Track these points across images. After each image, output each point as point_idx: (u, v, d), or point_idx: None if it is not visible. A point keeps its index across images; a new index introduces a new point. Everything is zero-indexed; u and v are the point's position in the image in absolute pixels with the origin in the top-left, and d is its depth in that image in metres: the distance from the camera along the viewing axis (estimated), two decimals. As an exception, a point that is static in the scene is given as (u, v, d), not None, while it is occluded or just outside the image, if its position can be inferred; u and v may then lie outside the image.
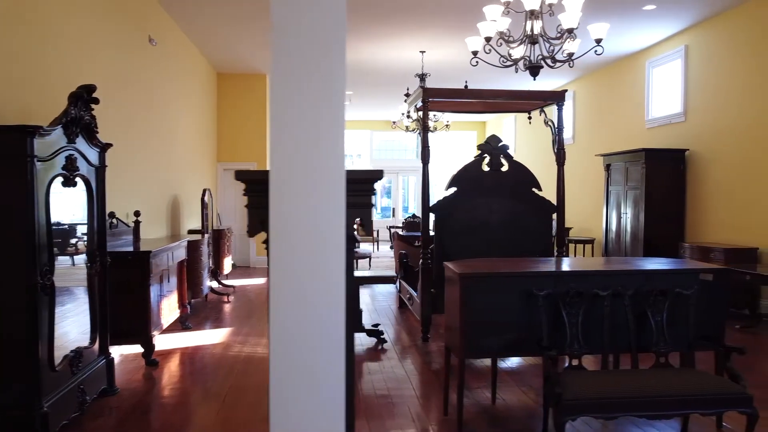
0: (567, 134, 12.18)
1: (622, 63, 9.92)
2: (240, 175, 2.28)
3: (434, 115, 10.04)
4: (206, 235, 7.83)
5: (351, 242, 2.35)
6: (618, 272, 3.63)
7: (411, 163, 18.39)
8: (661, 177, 8.17)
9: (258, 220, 2.32)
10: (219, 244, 8.86)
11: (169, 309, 5.65)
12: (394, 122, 10.22)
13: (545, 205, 5.77)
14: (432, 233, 5.69)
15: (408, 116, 8.47)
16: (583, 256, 10.85)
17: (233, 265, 11.16)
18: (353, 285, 2.38)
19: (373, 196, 2.32)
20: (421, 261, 5.61)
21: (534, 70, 4.62)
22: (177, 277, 6.10)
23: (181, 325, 6.21)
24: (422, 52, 9.30)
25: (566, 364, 3.40)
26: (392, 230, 10.90)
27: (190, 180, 8.85)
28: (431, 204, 5.64)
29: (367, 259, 11.07)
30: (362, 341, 5.72)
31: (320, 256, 2.10)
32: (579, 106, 11.67)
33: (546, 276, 3.47)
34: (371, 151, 18.25)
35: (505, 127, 16.04)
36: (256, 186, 2.31)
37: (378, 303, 7.76)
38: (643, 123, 9.30)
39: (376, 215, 18.68)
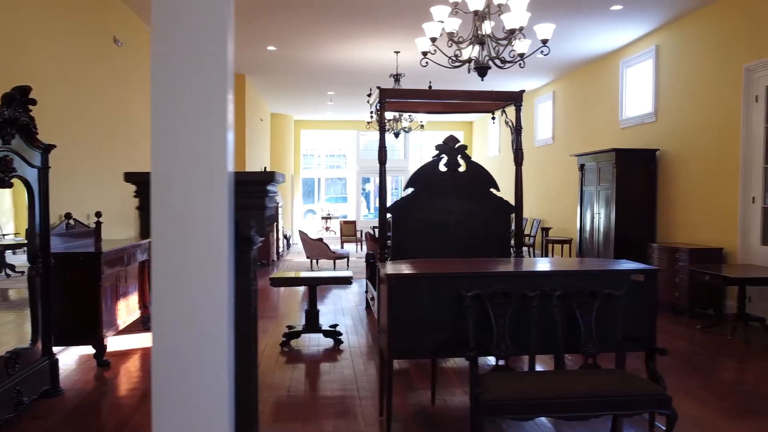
0: (547, 134, 12.20)
1: (599, 63, 9.92)
2: (129, 177, 2.29)
3: (409, 116, 10.05)
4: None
5: (247, 243, 2.36)
6: (547, 273, 3.63)
7: (398, 164, 18.40)
8: (632, 177, 8.17)
9: (149, 222, 2.32)
10: (192, 244, 8.85)
11: (127, 310, 5.65)
12: (368, 122, 10.22)
13: (503, 205, 5.77)
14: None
15: (371, 116, 8.44)
16: (561, 256, 10.85)
17: (212, 266, 11.15)
18: (248, 286, 2.37)
19: (267, 198, 2.32)
20: (378, 261, 5.61)
21: (481, 70, 4.61)
22: (138, 278, 6.11)
23: (143, 325, 6.21)
24: (396, 52, 9.30)
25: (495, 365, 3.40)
26: (366, 231, 10.90)
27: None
28: (389, 204, 5.64)
29: (345, 259, 11.07)
30: (320, 342, 5.72)
31: (201, 257, 2.10)
32: (558, 107, 11.67)
33: (474, 277, 3.46)
34: (357, 151, 18.25)
35: (491, 126, 16.04)
36: (146, 188, 2.29)
37: (348, 303, 7.76)
38: (618, 123, 9.30)
39: (365, 215, 18.67)
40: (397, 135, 10.37)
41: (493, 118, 6.96)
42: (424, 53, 4.97)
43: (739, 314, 5.99)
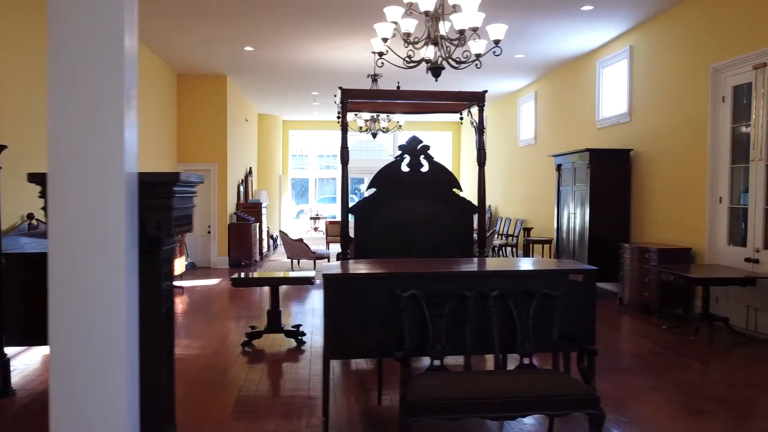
0: (529, 135, 12.21)
1: (577, 63, 9.93)
2: (33, 178, 2.30)
3: (387, 116, 10.06)
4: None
5: (154, 244, 2.37)
6: (486, 274, 3.64)
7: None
8: (607, 177, 8.18)
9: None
10: (169, 244, 8.86)
11: (90, 310, 5.66)
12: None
13: (465, 205, 5.77)
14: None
15: (338, 117, 8.42)
16: (542, 256, 10.86)
17: (192, 266, 11.19)
18: (157, 285, 2.38)
19: (174, 199, 2.33)
20: (340, 262, 5.62)
21: (435, 71, 4.62)
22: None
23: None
24: (374, 53, 9.28)
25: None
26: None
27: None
28: (351, 205, 5.64)
29: (326, 259, 11.08)
30: (284, 342, 5.73)
31: (98, 258, 2.12)
32: (540, 107, 11.67)
33: (412, 277, 3.47)
34: (346, 151, 18.25)
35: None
36: (51, 189, 2.29)
37: (320, 303, 7.76)
38: (595, 123, 9.31)
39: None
40: (374, 135, 10.38)
41: (461, 119, 6.95)
42: (380, 54, 4.98)
43: (703, 314, 6.00)
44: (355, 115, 9.57)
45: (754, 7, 6.00)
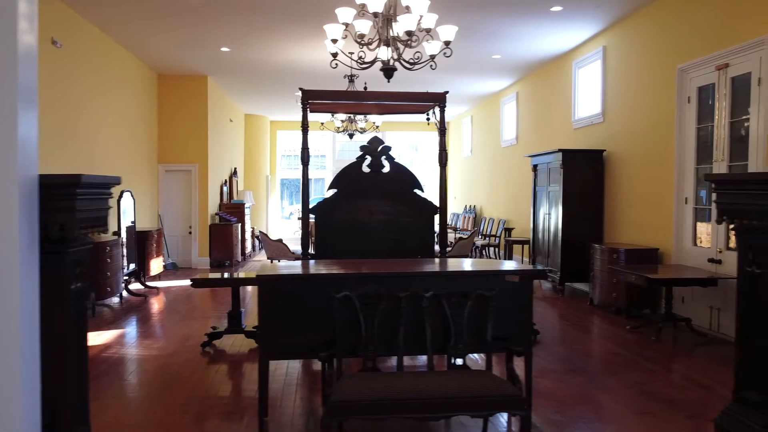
0: (511, 135, 12.21)
1: (555, 64, 9.94)
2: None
3: (364, 117, 10.07)
4: (120, 237, 7.86)
5: (57, 245, 2.37)
6: (422, 274, 3.64)
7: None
8: (580, 178, 8.18)
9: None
10: (144, 245, 8.88)
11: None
12: (322, 123, 10.23)
13: (426, 206, 5.78)
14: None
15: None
16: (522, 256, 10.86)
17: (174, 266, 11.20)
18: (63, 287, 2.39)
19: (78, 200, 2.33)
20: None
21: (387, 72, 4.63)
22: (69, 279, 6.13)
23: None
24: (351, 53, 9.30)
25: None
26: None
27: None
28: (311, 205, 5.65)
29: (307, 260, 11.07)
30: (243, 342, 5.74)
31: (-10, 260, 2.12)
32: (521, 108, 11.68)
33: (347, 278, 3.48)
34: (334, 152, 18.28)
35: (464, 126, 16.06)
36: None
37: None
38: (571, 124, 9.32)
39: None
40: (351, 136, 10.39)
41: (428, 119, 6.96)
42: (333, 55, 4.98)
43: (666, 315, 6.01)
44: (332, 115, 9.57)
45: (718, 8, 6.00)
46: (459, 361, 3.59)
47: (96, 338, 5.93)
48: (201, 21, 7.81)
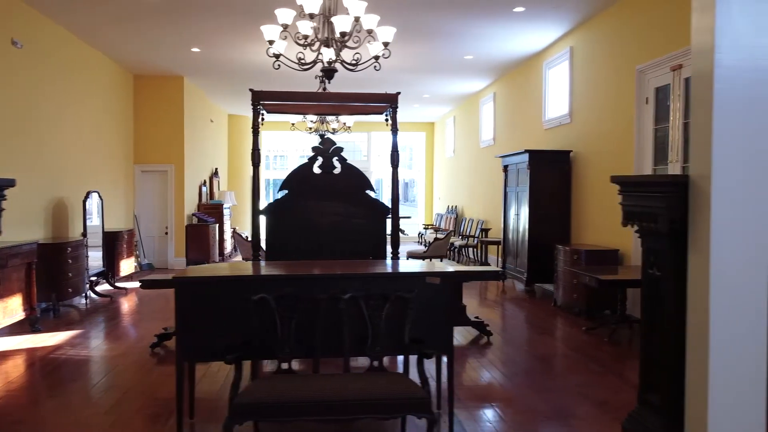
0: (489, 135, 12.20)
1: (528, 64, 9.92)
2: None
3: (336, 118, 10.06)
4: (86, 238, 7.86)
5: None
6: (340, 276, 3.63)
7: (361, 164, 18.41)
8: (546, 178, 8.17)
9: None
10: (114, 246, 8.88)
11: (2, 312, 5.68)
12: (293, 124, 10.22)
13: (378, 207, 5.77)
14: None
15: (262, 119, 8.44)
16: (497, 257, 10.84)
17: (150, 266, 11.20)
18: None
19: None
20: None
21: (327, 73, 4.62)
22: (25, 280, 6.14)
23: (30, 327, 6.24)
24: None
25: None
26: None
27: (89, 182, 8.84)
28: (263, 206, 5.64)
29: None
30: (196, 343, 5.73)
31: None
32: (498, 108, 11.66)
33: (264, 280, 3.47)
34: (319, 152, 18.25)
35: (447, 126, 16.05)
36: None
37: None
38: (542, 124, 9.30)
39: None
40: (322, 137, 10.35)
41: (386, 120, 6.94)
42: (276, 56, 4.97)
43: (621, 316, 5.99)
44: (304, 116, 9.56)
45: (673, 8, 5.98)
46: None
47: (49, 339, 5.93)
48: (168, 22, 7.80)
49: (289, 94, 5.82)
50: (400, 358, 5.13)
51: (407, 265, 3.99)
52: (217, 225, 12.28)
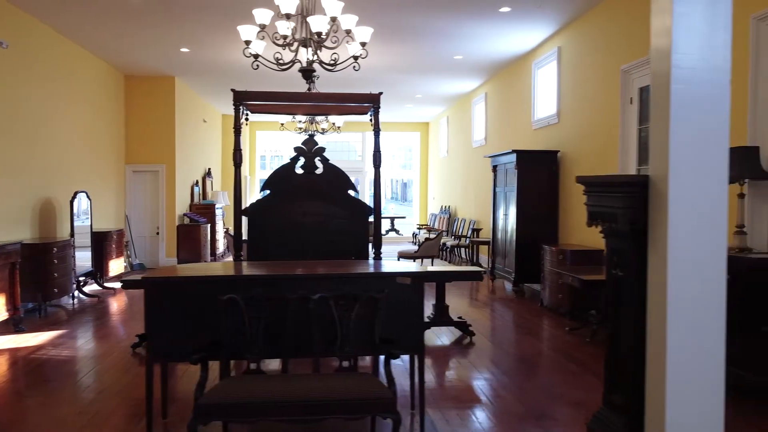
0: (480, 135, 12.20)
1: (518, 64, 9.92)
2: None
3: (326, 118, 10.07)
4: (73, 238, 7.86)
5: None
6: (309, 277, 3.63)
7: (356, 164, 18.42)
8: (534, 179, 8.17)
9: None
10: (102, 246, 8.88)
11: (-16, 312, 5.70)
12: (282, 124, 10.23)
13: (360, 207, 5.77)
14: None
15: (246, 119, 8.45)
16: (487, 256, 10.84)
17: (141, 266, 11.20)
18: None
19: None
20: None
21: (306, 73, 4.62)
22: (7, 280, 6.14)
23: (13, 327, 6.24)
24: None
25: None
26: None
27: (77, 182, 8.84)
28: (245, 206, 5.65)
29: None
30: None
31: None
32: (490, 108, 11.66)
33: (233, 281, 3.48)
34: (314, 152, 18.26)
35: (441, 127, 16.05)
36: None
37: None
38: (531, 124, 9.30)
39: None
40: (312, 136, 10.34)
41: (371, 120, 6.94)
42: (255, 56, 4.97)
43: (603, 316, 5.98)
44: (293, 117, 9.57)
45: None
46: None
47: (32, 339, 5.93)
48: (154, 22, 7.80)
49: (271, 94, 5.83)
50: (382, 357, 5.15)
51: (382, 266, 3.99)
52: (209, 225, 12.28)
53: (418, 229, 16.29)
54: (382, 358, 3.83)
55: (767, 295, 3.76)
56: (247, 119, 6.48)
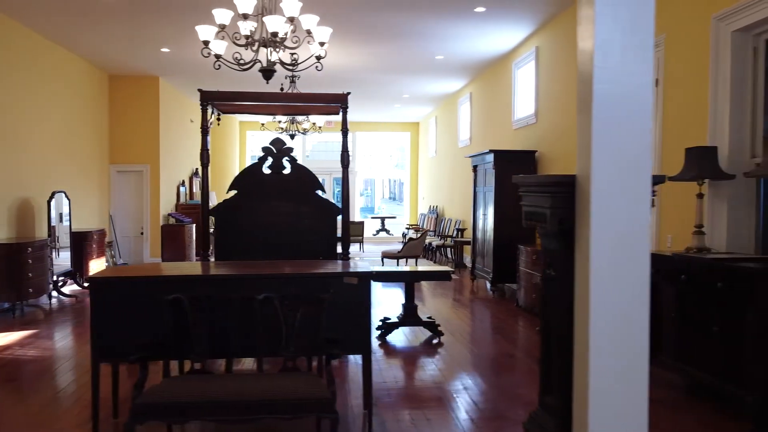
0: (466, 135, 12.19)
1: (499, 64, 9.91)
2: None
3: (306, 118, 10.06)
4: (49, 238, 7.86)
5: None
6: (255, 277, 3.63)
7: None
8: (512, 179, 8.14)
9: None
10: (82, 246, 8.88)
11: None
12: (262, 124, 10.22)
13: (328, 207, 5.77)
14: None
15: (218, 120, 8.47)
16: (470, 256, 10.83)
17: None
18: None
19: None
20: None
21: (266, 73, 4.62)
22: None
23: (-17, 327, 6.25)
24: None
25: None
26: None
27: (57, 182, 8.84)
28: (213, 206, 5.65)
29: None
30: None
31: None
32: (474, 108, 11.66)
33: (178, 281, 3.47)
34: (304, 151, 18.28)
35: (430, 126, 16.05)
36: None
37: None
38: (512, 124, 9.30)
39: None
40: (292, 137, 10.38)
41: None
42: (216, 56, 4.97)
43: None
44: (273, 117, 9.57)
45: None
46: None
47: (1, 339, 5.93)
48: (132, 22, 7.79)
49: (238, 94, 5.83)
50: (351, 357, 5.15)
51: (332, 266, 3.99)
52: (194, 225, 12.27)
53: (407, 229, 16.29)
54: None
55: (721, 295, 3.75)
56: (219, 119, 6.49)
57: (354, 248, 15.34)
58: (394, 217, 18.72)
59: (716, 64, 4.59)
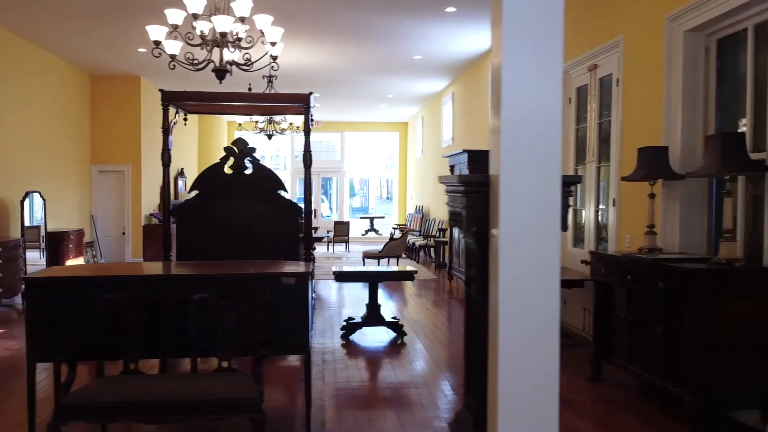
0: (448, 135, 12.19)
1: (481, 63, 9.90)
2: None
3: (283, 118, 10.06)
4: (22, 238, 7.87)
5: None
6: (191, 277, 3.63)
7: (335, 164, 18.45)
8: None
9: None
10: (57, 246, 8.89)
11: None
12: (239, 124, 10.21)
13: (291, 207, 5.76)
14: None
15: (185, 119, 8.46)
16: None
17: (106, 267, 11.19)
18: None
19: None
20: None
21: (219, 73, 4.62)
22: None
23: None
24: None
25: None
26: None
27: (32, 182, 8.84)
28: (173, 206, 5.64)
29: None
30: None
31: None
32: (456, 108, 11.65)
33: (113, 281, 3.47)
34: (292, 151, 18.28)
35: (417, 126, 16.05)
36: None
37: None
38: (489, 124, 9.28)
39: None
40: (270, 137, 10.38)
41: (312, 120, 6.93)
42: (172, 56, 4.97)
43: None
44: (250, 117, 9.57)
45: (590, 5, 5.97)
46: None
47: (-35, 339, 5.94)
48: (109, 22, 7.80)
49: (199, 94, 5.83)
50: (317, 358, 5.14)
51: (273, 267, 3.97)
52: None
53: (394, 229, 16.29)
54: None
55: (663, 295, 3.74)
56: (185, 119, 6.49)
57: (340, 248, 15.35)
58: (383, 217, 18.71)
59: (670, 64, 4.58)
